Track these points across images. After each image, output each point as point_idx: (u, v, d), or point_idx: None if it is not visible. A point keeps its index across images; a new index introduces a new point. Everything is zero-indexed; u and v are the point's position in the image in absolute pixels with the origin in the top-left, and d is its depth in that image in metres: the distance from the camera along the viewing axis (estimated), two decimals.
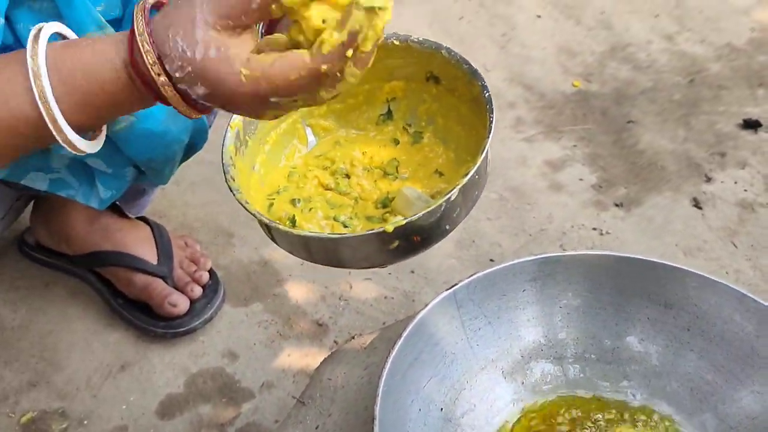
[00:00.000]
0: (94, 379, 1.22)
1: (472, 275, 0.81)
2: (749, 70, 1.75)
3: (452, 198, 0.72)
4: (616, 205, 1.49)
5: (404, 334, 0.76)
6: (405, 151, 0.87)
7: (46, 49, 0.66)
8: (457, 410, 0.79)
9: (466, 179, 0.72)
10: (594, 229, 1.45)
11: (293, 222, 0.80)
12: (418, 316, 0.77)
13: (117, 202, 1.24)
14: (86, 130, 0.71)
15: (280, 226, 0.74)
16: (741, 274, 1.36)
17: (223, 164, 0.78)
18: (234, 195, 0.76)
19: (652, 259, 0.82)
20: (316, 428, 0.81)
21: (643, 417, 0.80)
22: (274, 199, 0.83)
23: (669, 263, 0.82)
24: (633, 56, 1.81)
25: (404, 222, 0.70)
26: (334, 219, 0.81)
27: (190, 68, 0.63)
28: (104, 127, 0.75)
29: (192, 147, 1.08)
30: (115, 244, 1.25)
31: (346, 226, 0.80)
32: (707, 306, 0.80)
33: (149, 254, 1.25)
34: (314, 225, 0.80)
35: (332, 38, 0.60)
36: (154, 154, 1.02)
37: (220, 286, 1.29)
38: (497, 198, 1.51)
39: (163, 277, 1.24)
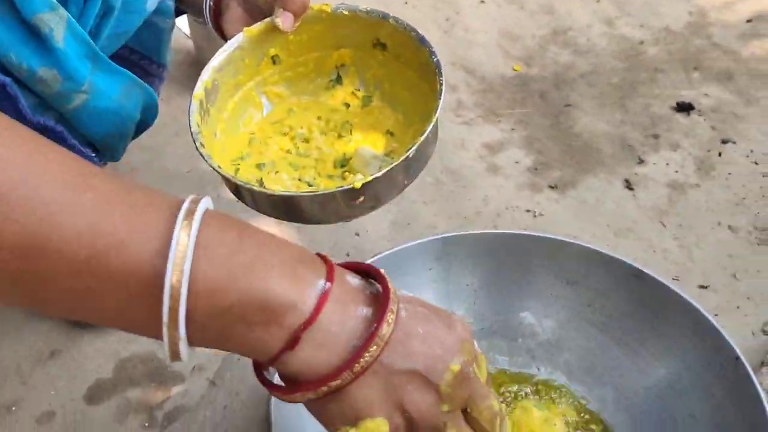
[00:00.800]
0: (24, 366, 1.22)
1: (376, 255, 0.82)
2: (686, 54, 1.78)
3: (411, 155, 0.75)
4: (551, 187, 1.51)
5: None
6: (356, 114, 0.91)
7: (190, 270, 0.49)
8: None
9: (422, 138, 0.76)
10: (528, 210, 1.47)
11: (262, 184, 0.84)
12: None
13: None
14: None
15: (256, 187, 0.77)
16: (668, 252, 1.38)
17: (191, 133, 0.80)
18: (206, 161, 0.78)
19: (554, 237, 0.84)
20: (225, 408, 0.81)
21: (545, 390, 0.82)
22: (239, 164, 0.87)
23: (571, 240, 0.83)
24: (573, 40, 1.83)
25: (371, 178, 0.74)
26: (299, 180, 0.85)
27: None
28: None
29: (143, 123, 1.08)
30: None
31: (311, 185, 0.84)
32: (608, 282, 0.82)
33: None
34: (281, 186, 0.84)
35: None
36: (109, 131, 1.02)
37: None
38: (434, 181, 1.52)
39: None
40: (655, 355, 0.78)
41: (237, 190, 0.80)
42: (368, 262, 0.82)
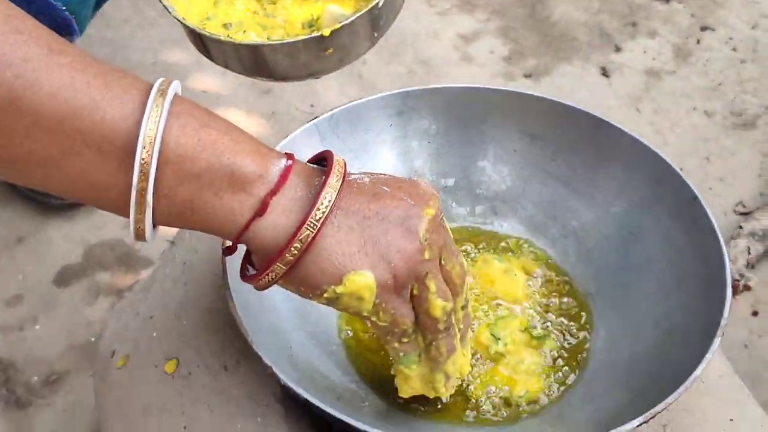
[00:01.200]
0: None
1: (335, 107, 0.80)
2: None
3: (380, 4, 0.73)
4: (525, 76, 1.49)
5: None
6: None
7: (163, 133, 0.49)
8: None
9: None
10: None
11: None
12: (278, 146, 0.77)
13: None
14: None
15: (223, 38, 0.74)
16: (643, 137, 1.37)
17: None
18: (170, 12, 0.76)
19: (517, 90, 0.82)
20: (183, 264, 0.81)
21: (509, 245, 0.81)
22: (205, 24, 0.84)
23: (533, 93, 0.82)
24: None
25: (340, 26, 0.71)
26: (268, 39, 0.82)
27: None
28: None
29: None
30: None
31: None
32: (571, 135, 0.81)
33: None
34: None
35: None
36: None
37: None
38: (406, 71, 1.49)
39: None
40: (614, 203, 0.78)
41: (203, 44, 0.78)
42: (327, 114, 0.80)
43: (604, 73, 1.49)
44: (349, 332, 0.74)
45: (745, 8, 1.59)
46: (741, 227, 1.16)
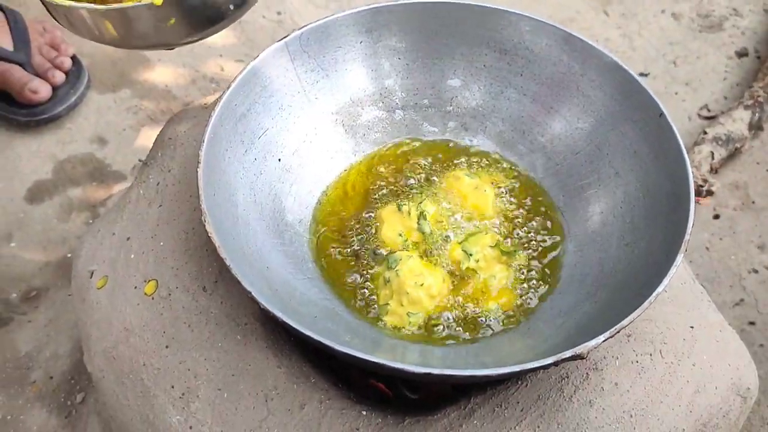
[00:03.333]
0: None
1: (305, 25, 0.80)
2: None
3: None
4: None
5: (233, 84, 0.75)
6: None
7: None
8: (295, 161, 0.80)
9: None
10: None
11: None
12: (248, 66, 0.76)
13: None
14: None
15: (55, 1, 0.72)
16: (610, 42, 1.38)
17: None
18: None
19: (487, 5, 0.82)
20: (157, 185, 0.81)
21: (479, 159, 0.83)
22: None
23: (503, 8, 0.82)
24: None
25: None
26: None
27: None
28: None
29: None
30: None
31: None
32: (539, 49, 0.81)
33: (4, 41, 1.20)
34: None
35: None
36: None
37: (84, 71, 1.26)
38: None
39: (21, 64, 1.20)
40: (582, 118, 0.79)
41: (48, 11, 0.75)
42: (296, 33, 0.79)
43: None
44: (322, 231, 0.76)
45: None
46: (705, 132, 1.18)
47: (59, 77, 1.22)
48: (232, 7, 0.74)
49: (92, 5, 0.72)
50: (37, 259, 1.11)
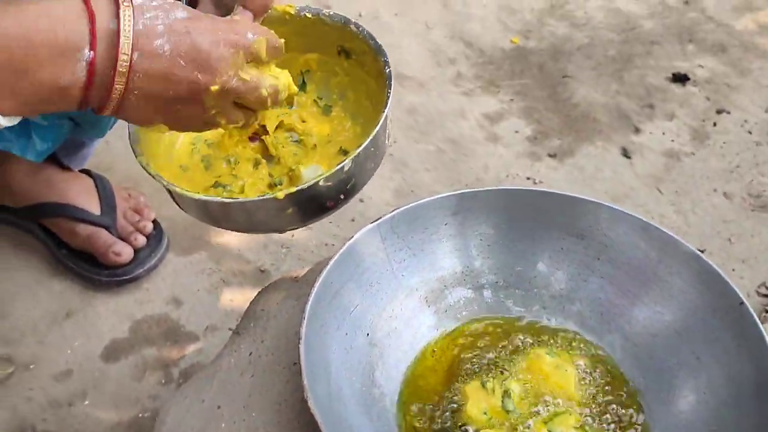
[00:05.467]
0: (40, 326, 1.24)
1: (394, 209, 0.85)
2: (680, 27, 1.81)
3: (345, 168, 0.77)
4: (550, 156, 1.55)
5: (331, 263, 0.80)
6: (316, 122, 0.92)
7: None
8: (381, 335, 0.83)
9: (359, 149, 0.77)
10: (528, 178, 1.50)
11: (222, 186, 0.86)
12: (345, 247, 0.82)
13: (58, 156, 1.26)
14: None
15: (178, 189, 0.78)
16: (665, 218, 1.43)
17: (129, 127, 0.82)
18: (136, 157, 0.81)
19: (566, 193, 0.87)
20: (250, 354, 0.85)
21: (557, 339, 0.86)
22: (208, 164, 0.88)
23: (582, 196, 0.87)
24: (570, 14, 1.86)
25: (294, 190, 0.76)
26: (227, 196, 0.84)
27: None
28: None
29: None
30: (58, 195, 1.27)
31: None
32: (615, 235, 0.86)
33: (92, 205, 1.28)
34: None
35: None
36: None
37: (164, 235, 1.32)
38: (435, 150, 1.55)
39: (106, 227, 1.27)
40: (660, 303, 0.82)
41: (167, 190, 0.82)
42: (388, 216, 0.85)
43: (625, 154, 1.54)
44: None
45: (757, 92, 1.66)
46: (767, 311, 1.20)
47: (141, 240, 1.28)
48: (342, 197, 0.80)
49: (221, 198, 0.78)
50: (110, 418, 1.14)
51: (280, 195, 0.75)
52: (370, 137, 0.78)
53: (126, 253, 1.26)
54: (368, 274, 0.84)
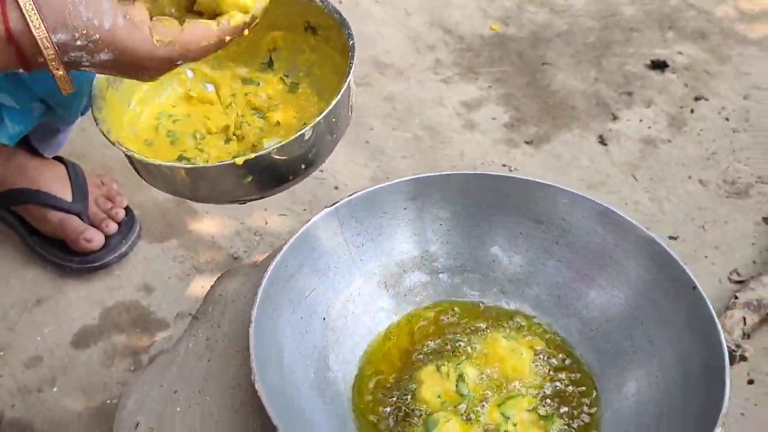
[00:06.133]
0: (11, 313, 1.24)
1: (352, 194, 0.85)
2: (661, 14, 1.81)
3: (306, 136, 0.77)
4: (527, 143, 1.54)
5: (286, 247, 0.80)
6: (282, 99, 0.92)
7: None
8: (338, 319, 0.83)
9: (320, 117, 0.78)
10: (504, 165, 1.50)
11: (187, 159, 0.85)
12: (300, 230, 0.81)
13: (32, 142, 1.26)
14: None
15: (137, 155, 0.78)
16: (639, 205, 1.43)
17: (91, 96, 0.82)
18: (97, 125, 0.81)
19: (524, 177, 0.87)
20: (207, 339, 0.85)
21: (514, 322, 0.86)
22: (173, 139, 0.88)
23: (540, 180, 0.87)
24: (550, 0, 1.85)
25: (254, 156, 0.76)
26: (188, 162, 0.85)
27: (97, 36, 0.66)
28: None
29: None
30: (29, 181, 1.27)
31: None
32: (574, 220, 0.86)
33: (64, 192, 1.27)
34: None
35: (238, 18, 0.73)
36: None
37: (136, 222, 1.32)
38: (412, 137, 1.55)
39: (78, 214, 1.26)
40: (617, 287, 0.82)
41: (129, 160, 0.82)
42: (345, 200, 0.85)
43: (602, 141, 1.54)
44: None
45: (736, 79, 1.65)
46: (736, 297, 1.20)
47: (112, 227, 1.28)
48: (303, 167, 0.80)
49: (177, 164, 0.79)
50: (78, 404, 1.14)
51: (239, 161, 0.75)
52: (331, 106, 0.79)
53: (97, 239, 1.26)
54: (326, 258, 0.84)
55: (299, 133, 0.77)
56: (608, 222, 0.84)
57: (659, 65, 1.68)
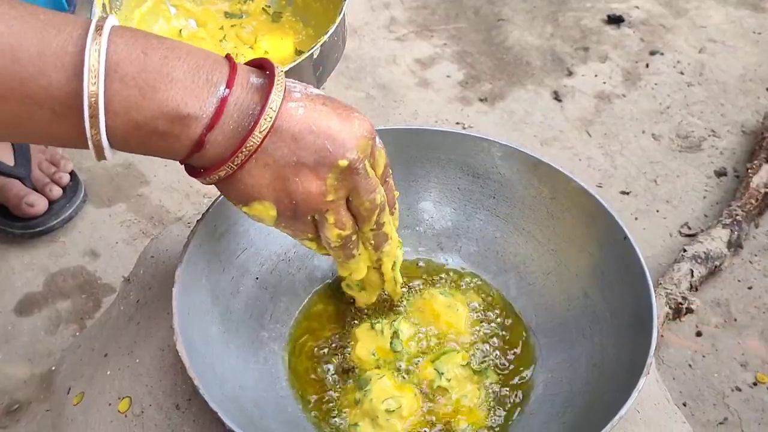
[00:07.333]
0: None
1: None
2: None
3: (315, 55, 0.78)
4: (480, 100, 1.53)
5: (215, 203, 0.78)
6: (266, 29, 0.92)
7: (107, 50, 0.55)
8: (272, 279, 0.82)
9: (327, 35, 0.79)
10: (457, 123, 1.49)
11: None
12: None
13: None
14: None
15: None
16: (592, 160, 1.42)
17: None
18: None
19: (462, 132, 0.85)
20: (137, 302, 0.83)
21: (450, 278, 0.85)
22: None
23: (476, 134, 0.85)
24: None
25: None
26: None
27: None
28: None
29: None
30: None
31: None
32: (510, 173, 0.84)
33: (6, 156, 1.24)
34: None
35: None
36: None
37: (81, 186, 1.30)
38: (364, 96, 1.53)
39: (20, 178, 1.24)
40: (553, 241, 0.81)
41: None
42: None
43: (557, 97, 1.53)
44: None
45: (692, 32, 1.64)
46: (685, 250, 1.20)
47: (56, 192, 1.26)
48: None
49: None
50: (22, 372, 1.12)
51: None
52: (337, 22, 0.80)
53: (40, 204, 1.24)
54: None
55: (309, 51, 0.77)
56: (542, 174, 0.83)
57: (615, 20, 1.66)
